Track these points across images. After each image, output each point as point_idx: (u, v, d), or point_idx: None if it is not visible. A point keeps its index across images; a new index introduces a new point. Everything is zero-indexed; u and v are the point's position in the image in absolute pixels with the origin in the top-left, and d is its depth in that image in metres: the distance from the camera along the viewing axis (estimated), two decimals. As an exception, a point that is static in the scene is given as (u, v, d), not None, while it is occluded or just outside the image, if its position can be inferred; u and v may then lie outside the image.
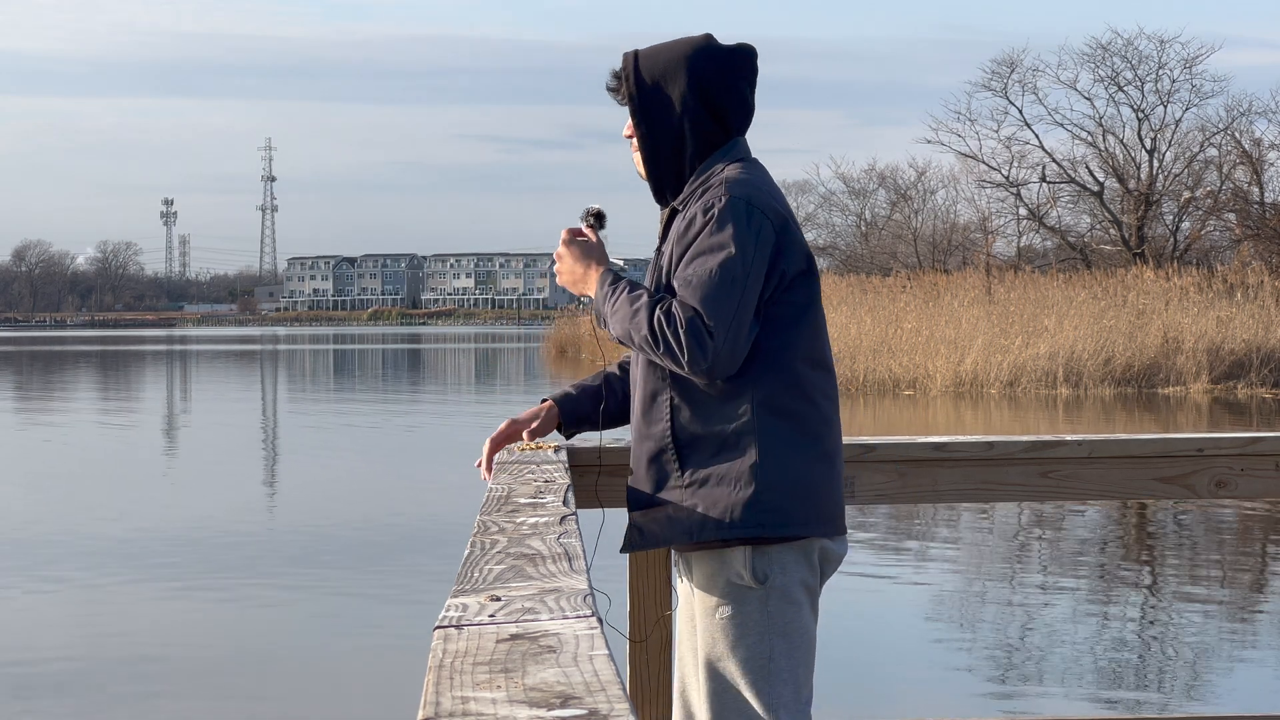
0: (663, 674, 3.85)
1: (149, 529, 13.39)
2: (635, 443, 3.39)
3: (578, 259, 3.43)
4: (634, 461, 3.39)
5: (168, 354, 69.10)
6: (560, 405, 3.59)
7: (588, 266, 3.42)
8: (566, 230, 3.47)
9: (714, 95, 3.36)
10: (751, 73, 3.41)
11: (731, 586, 3.28)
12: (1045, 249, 48.57)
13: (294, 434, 24.86)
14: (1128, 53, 45.26)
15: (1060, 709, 7.33)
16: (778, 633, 3.27)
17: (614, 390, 3.62)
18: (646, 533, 3.36)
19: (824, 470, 3.32)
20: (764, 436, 3.25)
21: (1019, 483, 3.99)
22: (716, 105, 3.37)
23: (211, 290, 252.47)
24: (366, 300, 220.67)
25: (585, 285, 3.41)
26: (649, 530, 3.35)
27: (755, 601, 3.27)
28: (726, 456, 3.26)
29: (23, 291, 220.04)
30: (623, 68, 3.41)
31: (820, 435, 3.32)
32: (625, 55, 3.42)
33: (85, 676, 8.22)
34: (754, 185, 3.30)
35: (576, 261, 3.43)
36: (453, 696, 1.42)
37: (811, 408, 3.31)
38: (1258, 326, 30.05)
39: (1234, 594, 10.47)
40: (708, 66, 3.36)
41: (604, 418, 3.62)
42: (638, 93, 3.37)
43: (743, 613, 3.27)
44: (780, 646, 3.27)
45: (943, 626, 9.27)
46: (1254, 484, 4.03)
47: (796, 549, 3.30)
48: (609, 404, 3.61)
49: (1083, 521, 13.64)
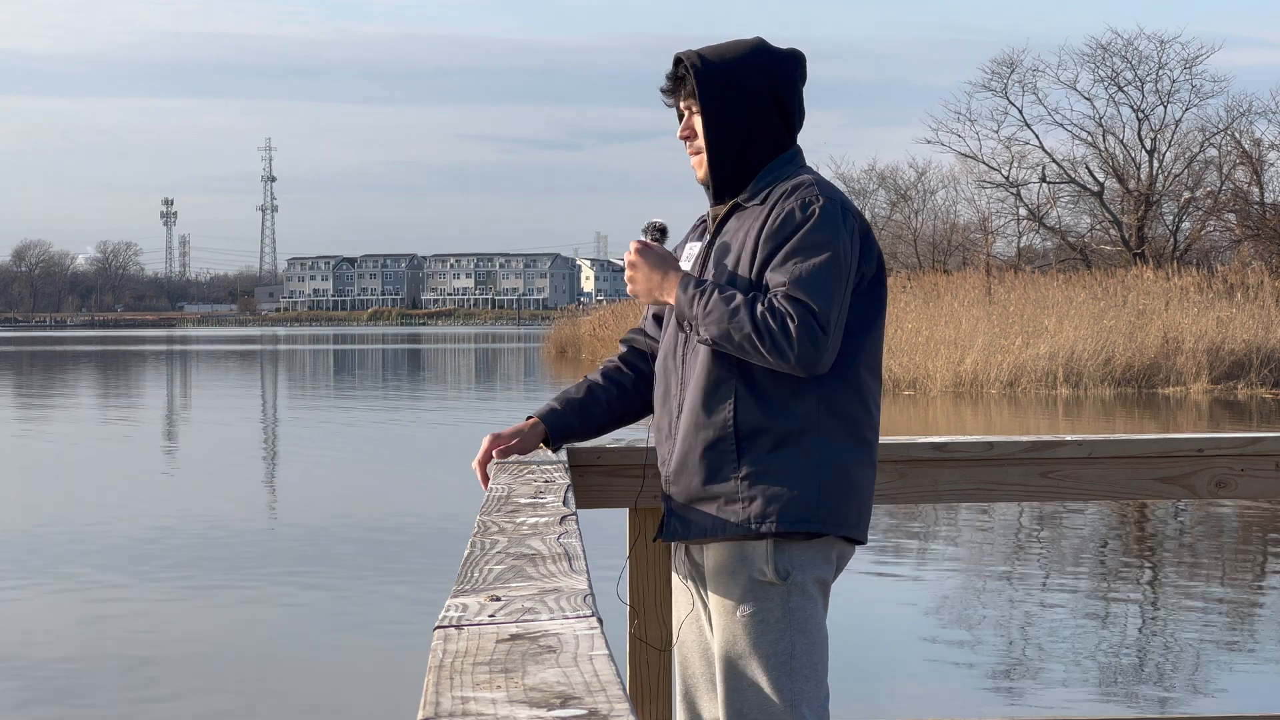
0: (663, 674, 3.85)
1: (149, 529, 13.38)
2: (688, 432, 3.38)
3: (654, 266, 3.42)
4: (683, 451, 3.39)
5: (167, 354, 69.09)
6: (546, 421, 3.58)
7: (665, 273, 3.40)
8: (635, 242, 3.46)
9: (782, 96, 3.43)
10: (805, 77, 3.51)
11: (753, 583, 3.30)
12: (1045, 249, 48.56)
13: (294, 434, 24.86)
14: (1128, 53, 45.29)
15: (1060, 709, 7.33)
16: (798, 629, 3.30)
17: (598, 400, 3.63)
18: (692, 523, 3.38)
19: (870, 476, 3.41)
20: (825, 436, 3.32)
21: (1019, 483, 3.99)
22: (784, 106, 3.44)
23: (211, 290, 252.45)
24: (366, 300, 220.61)
25: (664, 292, 3.40)
26: (695, 520, 3.37)
27: (777, 598, 3.30)
28: (787, 453, 3.30)
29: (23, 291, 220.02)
30: (688, 67, 3.42)
31: (870, 442, 3.41)
32: (687, 55, 3.43)
33: (85, 676, 8.22)
34: (838, 189, 3.42)
35: (653, 269, 3.42)
36: (453, 696, 1.42)
37: (866, 414, 3.39)
38: (1258, 327, 30.04)
39: (1234, 594, 10.47)
40: (776, 68, 3.43)
41: (590, 429, 3.65)
42: (706, 93, 3.40)
43: (764, 609, 3.29)
44: (801, 643, 3.30)
45: (943, 626, 9.27)
46: (1254, 484, 4.03)
47: (817, 547, 3.33)
48: (594, 415, 3.63)
49: (1083, 521, 13.64)
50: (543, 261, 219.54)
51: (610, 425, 3.67)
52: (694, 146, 3.45)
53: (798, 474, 3.29)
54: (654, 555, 3.86)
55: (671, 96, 3.46)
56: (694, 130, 3.44)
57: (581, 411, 3.61)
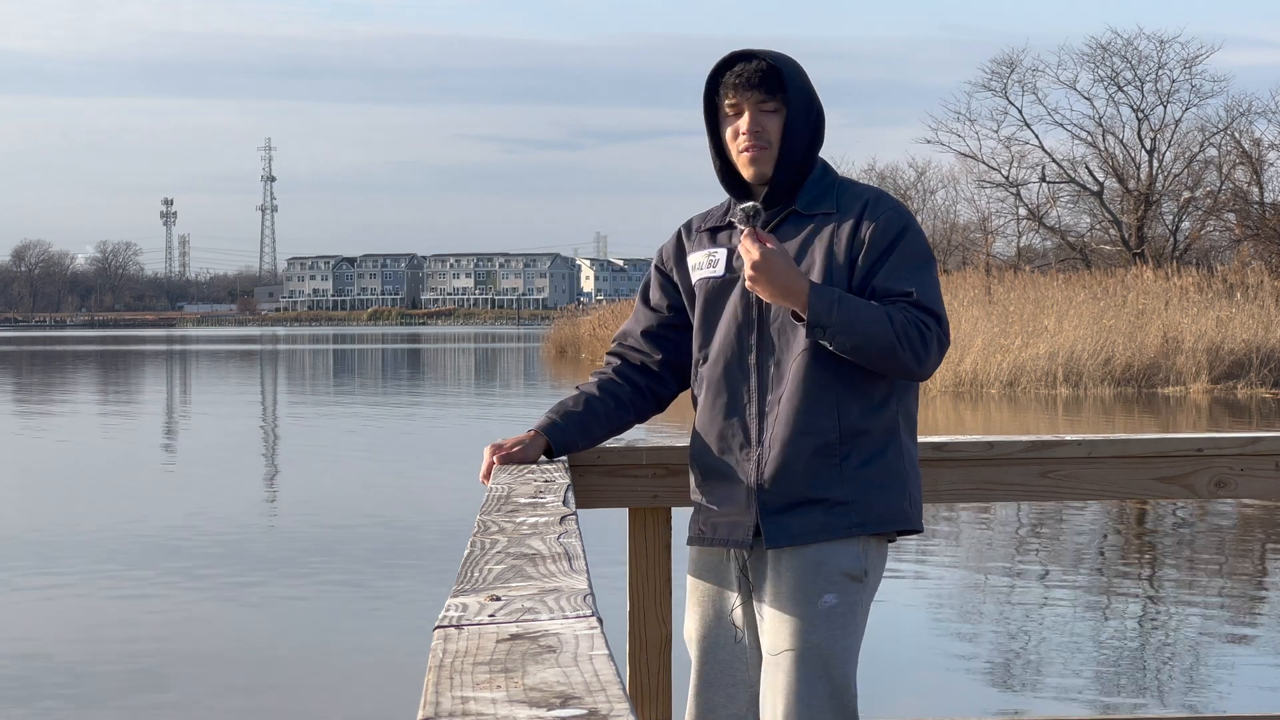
0: (662, 674, 3.84)
1: (149, 528, 13.38)
2: (791, 438, 3.40)
3: (786, 267, 3.32)
4: (785, 457, 3.40)
5: (167, 354, 69.08)
6: (549, 435, 3.58)
7: (795, 277, 3.33)
8: (749, 230, 3.34)
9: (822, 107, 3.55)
10: None
11: (841, 577, 3.39)
12: (1045, 249, 48.55)
13: (293, 434, 24.86)
14: (1127, 53, 45.27)
15: (1060, 709, 7.33)
16: (863, 626, 3.45)
17: (597, 414, 3.63)
18: (797, 527, 3.41)
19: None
20: (903, 439, 3.48)
21: (1019, 483, 3.99)
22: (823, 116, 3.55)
23: (211, 290, 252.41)
24: (366, 300, 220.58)
25: (792, 296, 3.33)
26: (799, 524, 3.41)
27: (855, 593, 3.42)
28: (880, 455, 3.43)
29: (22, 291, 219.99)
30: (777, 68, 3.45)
31: (916, 444, 3.58)
32: (768, 54, 3.46)
33: (85, 676, 8.22)
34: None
35: (786, 271, 3.32)
36: (453, 696, 1.42)
37: (916, 419, 3.56)
38: (1258, 326, 30.03)
39: (1234, 594, 10.47)
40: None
41: (589, 444, 3.67)
42: (796, 95, 3.46)
43: (846, 603, 3.39)
44: (861, 639, 3.44)
45: (943, 627, 9.27)
46: (1254, 484, 4.03)
47: (885, 547, 3.50)
48: (593, 431, 3.64)
49: (1083, 521, 13.64)
50: (542, 261, 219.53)
51: (605, 439, 3.70)
52: (759, 143, 3.44)
53: (893, 475, 3.44)
54: (654, 555, 3.86)
55: (759, 91, 3.44)
56: (764, 128, 3.44)
57: (582, 426, 3.62)
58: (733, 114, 3.47)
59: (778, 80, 3.44)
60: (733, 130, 3.48)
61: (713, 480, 3.53)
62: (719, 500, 3.51)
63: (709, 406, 3.52)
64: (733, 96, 3.45)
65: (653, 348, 3.68)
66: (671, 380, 3.71)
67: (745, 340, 3.46)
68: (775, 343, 3.44)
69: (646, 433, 3.27)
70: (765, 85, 3.43)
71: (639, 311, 3.74)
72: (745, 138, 3.44)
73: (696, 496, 3.60)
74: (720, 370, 3.50)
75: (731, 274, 3.51)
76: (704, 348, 3.56)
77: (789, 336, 3.43)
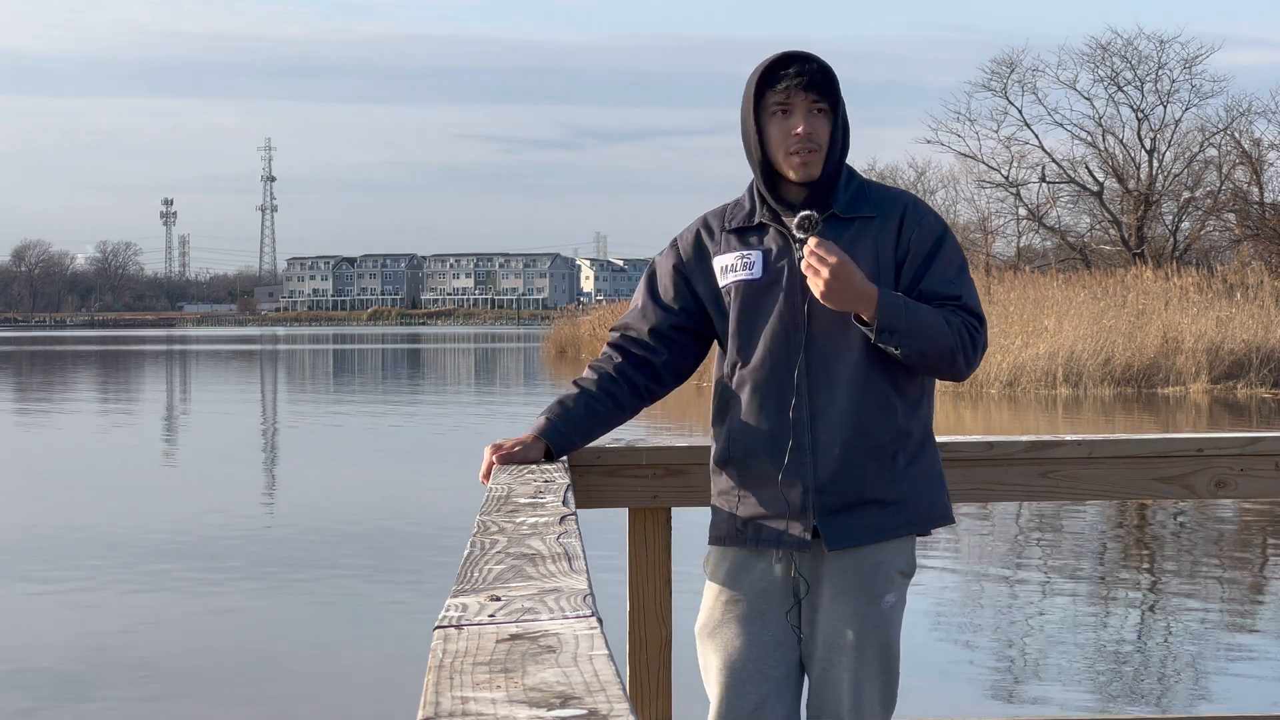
0: (662, 674, 3.84)
1: (149, 529, 13.39)
2: (850, 440, 3.43)
3: (859, 273, 3.35)
4: (844, 459, 3.44)
5: (167, 354, 69.08)
6: (550, 440, 3.56)
7: (864, 284, 3.35)
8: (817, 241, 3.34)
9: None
10: None
11: (898, 575, 3.50)
12: (1045, 249, 48.53)
13: (294, 434, 24.85)
14: (1127, 53, 45.26)
15: (1060, 709, 7.33)
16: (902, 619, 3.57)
17: (597, 415, 3.62)
18: (858, 528, 3.46)
19: None
20: (933, 438, 3.60)
21: (1019, 483, 3.99)
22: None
23: (211, 290, 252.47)
24: (366, 300, 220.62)
25: (862, 304, 3.35)
26: (859, 525, 3.46)
27: (905, 590, 3.56)
28: (920, 455, 3.52)
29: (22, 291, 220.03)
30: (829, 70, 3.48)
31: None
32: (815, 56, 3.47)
33: (85, 676, 8.22)
34: None
35: (861, 277, 3.34)
36: (453, 696, 1.42)
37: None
38: (1257, 326, 30.04)
39: (1234, 594, 10.47)
40: None
41: (586, 443, 3.67)
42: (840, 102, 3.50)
43: (900, 600, 3.54)
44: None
45: (943, 627, 9.27)
46: (1254, 484, 4.02)
47: (916, 544, 3.59)
48: (592, 431, 3.64)
49: (1083, 521, 13.64)
50: (542, 261, 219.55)
51: (600, 436, 3.70)
52: (811, 145, 3.44)
53: (934, 473, 3.55)
54: (654, 555, 3.85)
55: (814, 93, 3.44)
56: (815, 130, 3.45)
57: (581, 428, 3.60)
58: (781, 113, 3.45)
59: (830, 84, 3.45)
60: (781, 129, 3.45)
61: (758, 483, 3.50)
62: (766, 502, 3.49)
63: (755, 409, 3.49)
64: (785, 95, 3.43)
65: (659, 347, 3.63)
66: (670, 381, 3.69)
67: (793, 343, 3.45)
68: (823, 345, 3.45)
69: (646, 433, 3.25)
70: (819, 88, 3.44)
71: (646, 307, 3.66)
72: (798, 139, 3.42)
73: (730, 498, 3.56)
74: (767, 373, 3.48)
75: (770, 276, 3.48)
76: (743, 351, 3.52)
77: (836, 339, 3.44)
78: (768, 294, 3.49)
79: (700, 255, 3.60)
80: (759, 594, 3.52)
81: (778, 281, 3.47)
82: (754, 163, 3.49)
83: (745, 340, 3.52)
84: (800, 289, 3.43)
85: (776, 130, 3.44)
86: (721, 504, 3.58)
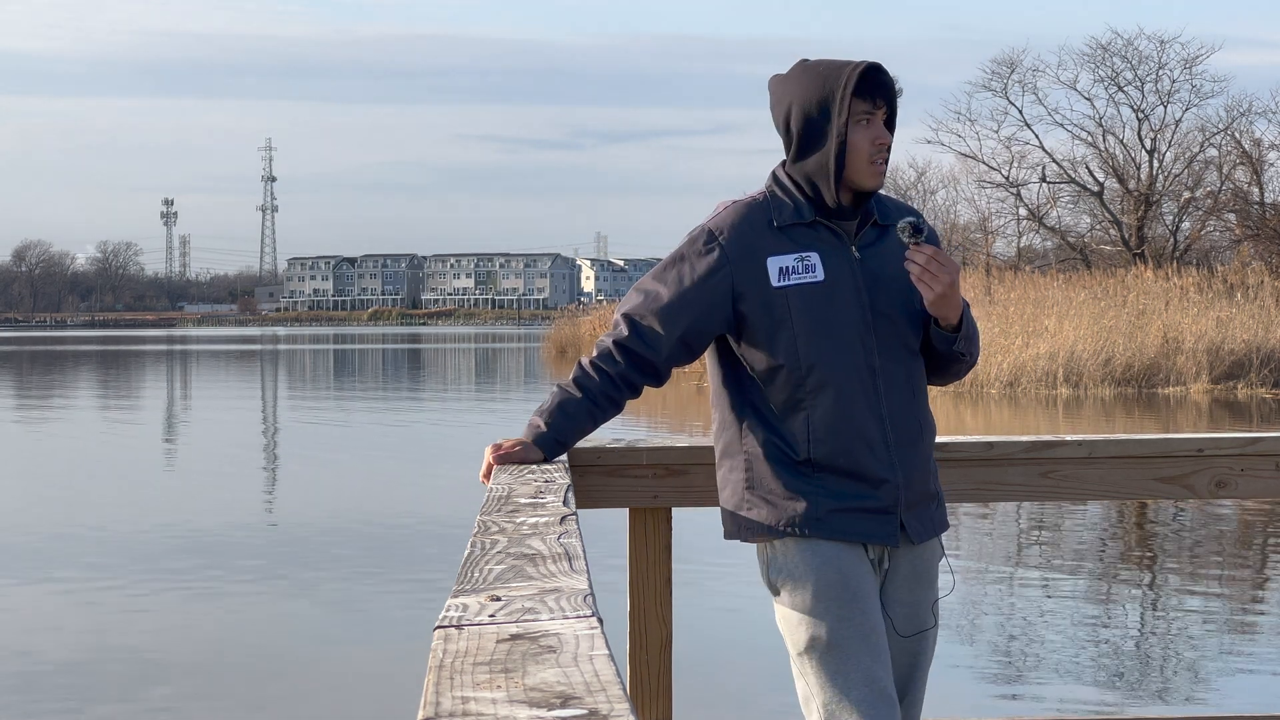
0: (662, 674, 3.84)
1: (149, 529, 13.39)
2: (917, 437, 3.56)
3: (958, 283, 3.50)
4: (920, 458, 3.57)
5: (168, 354, 69.09)
6: (543, 448, 3.54)
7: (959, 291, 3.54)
8: (933, 250, 3.43)
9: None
10: None
11: (943, 564, 3.73)
12: (1045, 249, 48.53)
13: (294, 434, 24.86)
14: (1128, 53, 45.25)
15: (1060, 709, 7.33)
16: None
17: (597, 419, 3.60)
18: (927, 523, 3.62)
19: None
20: None
21: (1019, 483, 3.99)
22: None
23: (211, 290, 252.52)
24: (366, 300, 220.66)
25: (957, 306, 3.52)
26: (928, 520, 3.62)
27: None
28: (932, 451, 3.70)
29: (23, 292, 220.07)
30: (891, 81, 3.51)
31: None
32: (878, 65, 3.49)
33: (86, 677, 8.22)
34: None
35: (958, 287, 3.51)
36: (453, 696, 1.42)
37: None
38: (1258, 326, 30.04)
39: (1234, 594, 10.47)
40: None
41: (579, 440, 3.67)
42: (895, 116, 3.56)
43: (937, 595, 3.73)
44: None
45: (942, 626, 9.24)
46: (1254, 484, 4.03)
47: None
48: (589, 433, 3.64)
49: (1083, 521, 13.64)
50: (543, 261, 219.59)
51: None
52: (885, 155, 3.49)
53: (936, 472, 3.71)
54: (654, 555, 3.85)
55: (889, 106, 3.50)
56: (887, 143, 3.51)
57: (581, 432, 3.60)
58: (866, 121, 3.47)
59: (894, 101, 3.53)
60: (866, 136, 3.47)
61: (851, 478, 3.51)
62: (857, 497, 3.51)
63: (840, 409, 3.48)
64: (870, 105, 3.47)
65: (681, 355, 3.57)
66: (665, 378, 3.64)
67: (867, 342, 3.50)
68: (888, 346, 3.53)
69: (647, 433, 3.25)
70: (892, 103, 3.52)
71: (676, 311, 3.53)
72: (878, 149, 3.48)
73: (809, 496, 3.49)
74: (848, 373, 3.50)
75: (831, 277, 3.48)
76: (813, 352, 3.48)
77: (894, 340, 3.53)
78: (830, 295, 3.48)
79: (749, 253, 3.50)
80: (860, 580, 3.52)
81: (840, 283, 3.49)
82: (826, 163, 3.47)
83: (815, 341, 3.47)
84: (866, 289, 3.49)
85: (861, 137, 3.46)
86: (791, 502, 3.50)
